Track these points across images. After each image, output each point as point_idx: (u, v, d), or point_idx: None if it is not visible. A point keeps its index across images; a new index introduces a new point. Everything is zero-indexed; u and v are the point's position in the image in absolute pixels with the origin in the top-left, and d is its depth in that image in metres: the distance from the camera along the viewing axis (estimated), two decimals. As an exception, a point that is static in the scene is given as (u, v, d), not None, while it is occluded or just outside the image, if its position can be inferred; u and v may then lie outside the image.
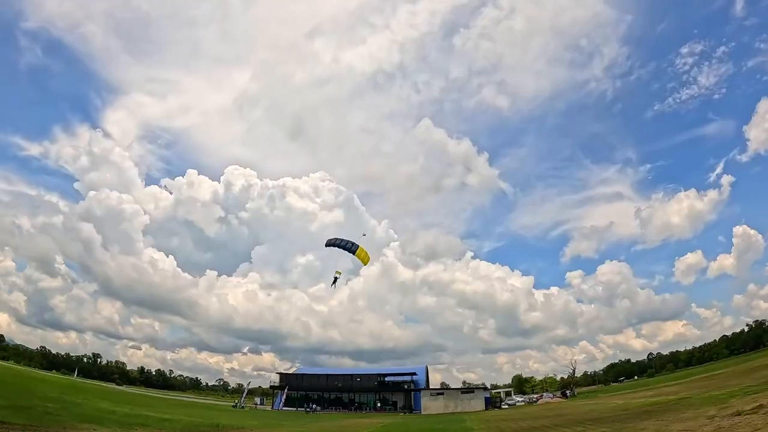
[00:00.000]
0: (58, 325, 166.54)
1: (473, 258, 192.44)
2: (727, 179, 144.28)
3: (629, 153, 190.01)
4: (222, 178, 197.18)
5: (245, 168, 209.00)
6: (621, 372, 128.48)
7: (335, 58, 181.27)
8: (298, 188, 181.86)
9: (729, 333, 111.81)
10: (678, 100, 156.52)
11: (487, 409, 58.46)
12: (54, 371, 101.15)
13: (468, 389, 69.19)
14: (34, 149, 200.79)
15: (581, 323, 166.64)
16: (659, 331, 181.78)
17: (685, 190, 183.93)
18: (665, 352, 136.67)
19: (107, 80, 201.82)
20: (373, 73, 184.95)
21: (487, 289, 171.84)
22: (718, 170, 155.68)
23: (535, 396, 75.39)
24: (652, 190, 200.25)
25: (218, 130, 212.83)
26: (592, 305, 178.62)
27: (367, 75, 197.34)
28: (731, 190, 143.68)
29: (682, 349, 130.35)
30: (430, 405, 61.50)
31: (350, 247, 20.88)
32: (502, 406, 62.24)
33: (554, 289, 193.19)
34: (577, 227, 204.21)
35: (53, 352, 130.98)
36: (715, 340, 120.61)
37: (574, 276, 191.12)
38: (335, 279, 24.24)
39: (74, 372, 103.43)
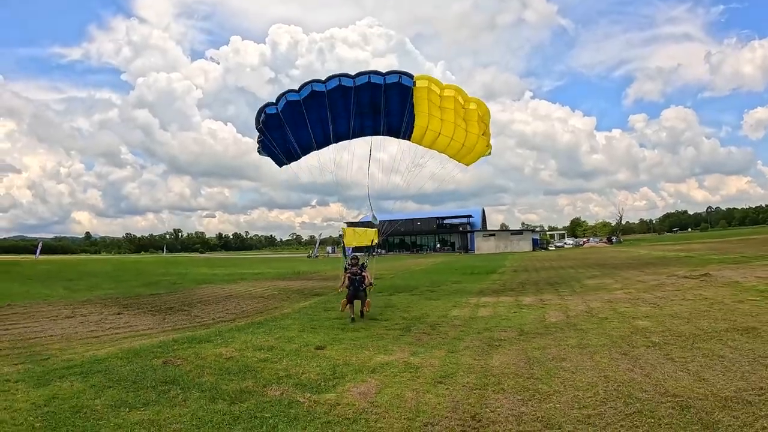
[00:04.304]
0: (136, 211, 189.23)
1: (532, 98, 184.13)
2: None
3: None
4: (267, 39, 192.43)
5: (289, 25, 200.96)
6: (676, 222, 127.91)
7: None
8: (346, 38, 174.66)
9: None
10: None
11: (534, 250, 63.09)
12: (143, 253, 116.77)
13: (518, 231, 73.87)
14: (74, 53, 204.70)
15: (643, 168, 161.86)
16: (722, 185, 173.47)
17: (760, 39, 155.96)
18: (725, 207, 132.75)
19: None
20: None
21: (548, 129, 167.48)
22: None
23: (582, 240, 79.57)
24: (725, 34, 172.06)
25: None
26: (655, 151, 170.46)
27: None
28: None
29: (742, 206, 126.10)
30: (482, 245, 66.88)
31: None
32: (549, 248, 67.02)
33: (616, 132, 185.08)
34: (641, 67, 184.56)
35: (137, 236, 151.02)
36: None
37: (638, 119, 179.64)
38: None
39: (162, 249, 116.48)
